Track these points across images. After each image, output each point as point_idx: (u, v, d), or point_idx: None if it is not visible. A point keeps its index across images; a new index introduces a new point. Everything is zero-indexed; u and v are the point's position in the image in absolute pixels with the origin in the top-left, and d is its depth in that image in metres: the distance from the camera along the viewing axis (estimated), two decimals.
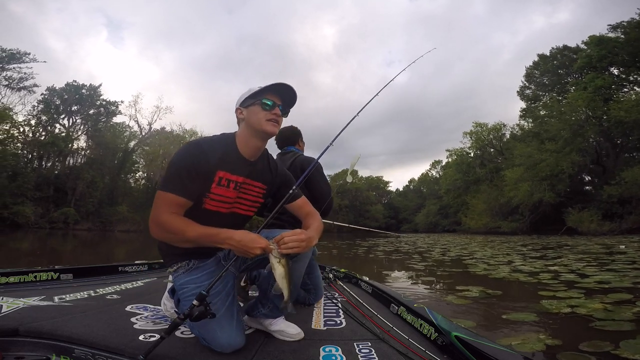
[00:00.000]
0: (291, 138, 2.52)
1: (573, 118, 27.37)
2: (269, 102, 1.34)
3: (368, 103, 1.92)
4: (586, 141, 27.79)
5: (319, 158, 1.79)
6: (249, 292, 2.40)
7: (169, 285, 1.71)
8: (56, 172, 33.29)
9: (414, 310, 1.77)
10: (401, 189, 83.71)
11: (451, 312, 2.74)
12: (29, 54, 31.29)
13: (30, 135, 32.49)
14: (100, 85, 37.61)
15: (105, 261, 3.69)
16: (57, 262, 5.38)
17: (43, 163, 33.24)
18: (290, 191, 1.48)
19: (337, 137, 1.75)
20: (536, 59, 38.99)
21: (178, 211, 1.26)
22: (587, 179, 32.76)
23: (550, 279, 4.21)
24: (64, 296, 2.03)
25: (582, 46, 33.16)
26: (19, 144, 31.03)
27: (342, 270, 3.20)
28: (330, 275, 3.03)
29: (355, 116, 1.86)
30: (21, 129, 31.33)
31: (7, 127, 29.10)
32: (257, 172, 1.44)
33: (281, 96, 1.39)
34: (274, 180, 1.51)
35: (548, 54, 37.85)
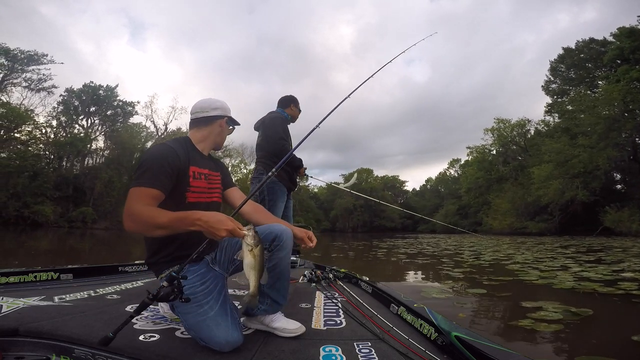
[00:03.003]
0: (284, 101, 3.22)
1: (605, 112, 25.60)
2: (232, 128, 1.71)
3: (357, 88, 2.08)
4: (619, 136, 25.96)
5: (294, 149, 1.90)
6: (244, 291, 2.47)
7: None
8: (75, 172, 33.82)
9: (414, 310, 1.75)
10: (418, 188, 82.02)
11: (555, 348, 1.94)
12: (47, 55, 31.92)
13: (52, 136, 33.14)
14: (116, 86, 38.16)
15: (122, 260, 3.56)
16: (76, 261, 4.97)
17: (64, 163, 33.82)
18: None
19: (314, 129, 1.90)
20: (561, 52, 37.17)
21: (150, 203, 1.28)
22: (618, 176, 30.79)
23: None
24: (64, 296, 2.01)
25: (610, 39, 31.42)
26: (41, 145, 31.65)
27: (342, 270, 3.19)
28: (330, 275, 3.01)
29: (340, 102, 2.02)
30: (43, 130, 31.99)
31: (30, 129, 29.75)
32: (211, 164, 1.62)
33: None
34: (221, 169, 1.71)
35: (573, 47, 36.01)
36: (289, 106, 3.20)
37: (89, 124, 37.04)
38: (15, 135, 28.73)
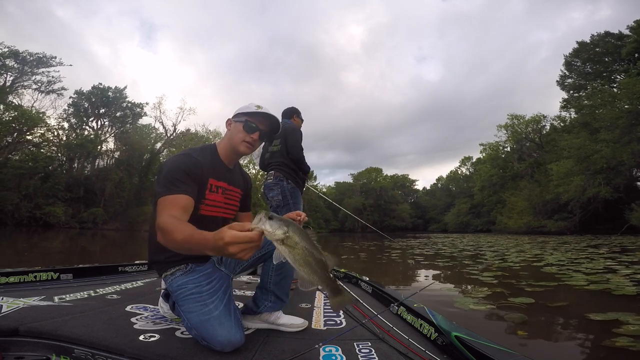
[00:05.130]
0: (288, 113, 3.36)
1: (627, 106, 24.51)
2: (252, 125, 1.47)
3: None
4: None
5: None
6: (244, 292, 2.52)
7: (162, 291, 1.68)
8: (86, 173, 34.06)
9: (414, 310, 1.75)
10: (428, 187, 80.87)
11: None
12: (55, 57, 32.16)
13: (64, 138, 33.42)
14: (125, 87, 38.39)
15: (132, 260, 3.44)
16: (86, 262, 4.71)
17: (75, 165, 34.09)
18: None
19: None
20: (576, 47, 35.99)
21: (178, 213, 1.23)
22: (638, 174, 29.55)
23: None
24: (64, 296, 2.00)
25: (627, 32, 30.33)
26: (53, 147, 31.94)
27: (342, 270, 3.20)
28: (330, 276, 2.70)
29: None
30: (55, 133, 32.27)
31: (42, 131, 30.03)
32: (234, 178, 1.58)
33: (268, 123, 1.51)
34: (246, 187, 1.68)
35: (588, 41, 34.85)
36: (292, 117, 3.36)
37: (98, 126, 37.31)
38: (27, 137, 29.05)
